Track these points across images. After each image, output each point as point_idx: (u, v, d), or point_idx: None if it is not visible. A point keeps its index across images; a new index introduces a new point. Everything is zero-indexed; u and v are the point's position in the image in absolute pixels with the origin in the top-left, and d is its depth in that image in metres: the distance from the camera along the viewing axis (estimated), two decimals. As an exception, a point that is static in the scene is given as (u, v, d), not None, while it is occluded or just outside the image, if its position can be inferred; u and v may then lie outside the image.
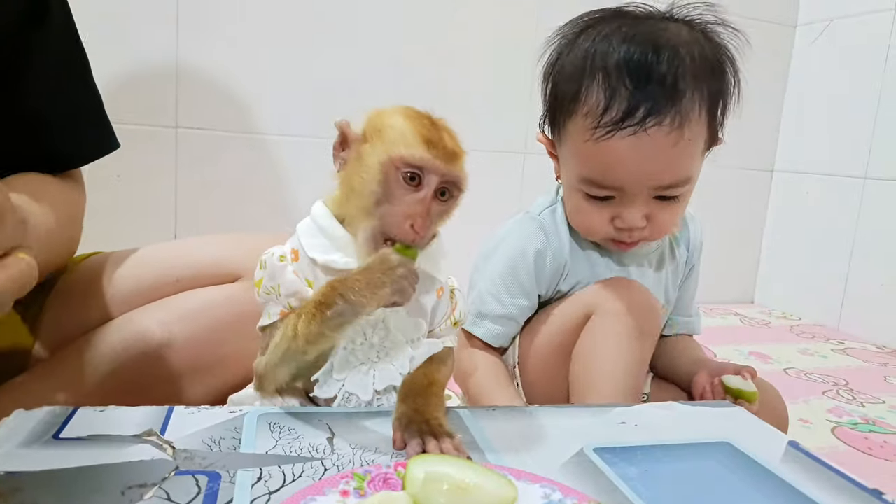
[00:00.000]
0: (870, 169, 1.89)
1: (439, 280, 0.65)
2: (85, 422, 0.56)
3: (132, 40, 1.50)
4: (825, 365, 1.62)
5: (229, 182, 1.64)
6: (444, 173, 0.60)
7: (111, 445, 0.53)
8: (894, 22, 1.84)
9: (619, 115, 0.82)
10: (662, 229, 0.92)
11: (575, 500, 0.47)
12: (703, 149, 0.90)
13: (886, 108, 1.86)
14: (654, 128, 0.81)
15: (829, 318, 1.99)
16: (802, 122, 2.15)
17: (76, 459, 0.50)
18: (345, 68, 1.67)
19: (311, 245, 0.63)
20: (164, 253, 0.91)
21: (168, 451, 0.53)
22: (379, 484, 0.48)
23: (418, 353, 0.64)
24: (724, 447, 0.61)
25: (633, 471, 0.55)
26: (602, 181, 0.87)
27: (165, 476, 0.49)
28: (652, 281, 0.99)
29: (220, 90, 1.60)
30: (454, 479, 0.46)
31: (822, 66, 2.09)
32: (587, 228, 0.94)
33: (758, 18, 2.10)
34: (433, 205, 0.60)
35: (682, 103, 0.82)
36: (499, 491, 0.46)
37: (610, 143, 0.83)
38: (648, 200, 0.87)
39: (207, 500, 0.47)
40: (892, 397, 1.41)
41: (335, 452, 0.55)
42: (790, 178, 2.18)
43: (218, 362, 0.82)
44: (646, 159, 0.83)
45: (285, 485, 0.49)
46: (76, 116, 0.87)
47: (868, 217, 1.90)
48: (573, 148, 0.90)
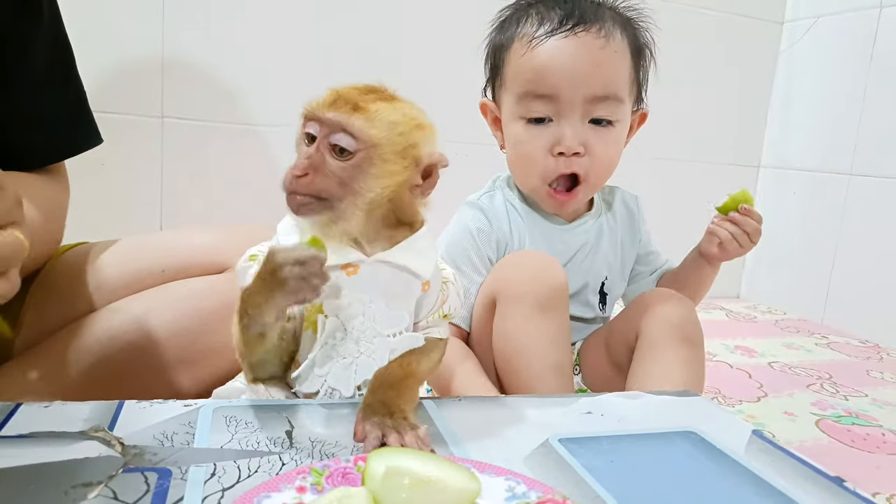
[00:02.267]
0: (855, 165, 1.90)
1: (421, 275, 0.62)
2: (28, 418, 0.54)
3: (118, 29, 1.48)
4: (809, 359, 1.63)
5: (215, 172, 1.62)
6: (327, 119, 0.56)
7: (55, 443, 0.51)
8: (880, 19, 1.85)
9: (552, 26, 0.93)
10: (600, 162, 0.96)
11: (539, 493, 0.45)
12: (629, 84, 0.97)
13: (872, 104, 1.86)
14: (582, 33, 0.92)
15: (813, 312, 2.00)
16: (789, 119, 2.15)
17: (18, 458, 0.48)
18: (332, 58, 1.66)
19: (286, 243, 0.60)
20: (150, 243, 0.90)
21: (116, 448, 0.50)
22: (338, 479, 0.46)
23: (400, 346, 0.61)
24: (690, 436, 0.61)
25: (599, 461, 0.54)
26: (538, 89, 0.93)
27: (112, 474, 0.47)
28: (592, 246, 1.03)
29: (206, 80, 1.58)
30: (415, 474, 0.44)
31: (809, 62, 2.09)
32: (529, 165, 0.98)
33: (745, 15, 2.11)
34: (328, 158, 0.56)
35: (605, 23, 0.93)
36: (462, 485, 0.44)
37: (544, 46, 0.93)
38: (584, 124, 0.94)
39: (156, 498, 0.44)
40: (874, 391, 1.42)
41: (294, 446, 0.53)
42: (776, 174, 2.18)
43: (205, 354, 0.81)
44: (577, 58, 0.92)
45: (240, 480, 0.47)
46: (60, 111, 0.85)
47: (853, 213, 1.90)
48: (510, 75, 0.98)
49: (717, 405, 0.68)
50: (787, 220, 2.11)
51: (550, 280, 0.88)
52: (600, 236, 1.04)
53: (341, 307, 0.59)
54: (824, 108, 2.01)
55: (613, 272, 1.06)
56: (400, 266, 0.60)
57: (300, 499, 0.43)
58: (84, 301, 0.83)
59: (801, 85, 2.11)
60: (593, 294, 1.05)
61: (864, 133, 1.88)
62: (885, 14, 1.83)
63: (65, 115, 0.86)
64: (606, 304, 1.07)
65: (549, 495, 0.44)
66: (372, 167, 0.56)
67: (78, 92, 0.88)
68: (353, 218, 0.57)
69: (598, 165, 0.96)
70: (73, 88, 0.87)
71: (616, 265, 1.07)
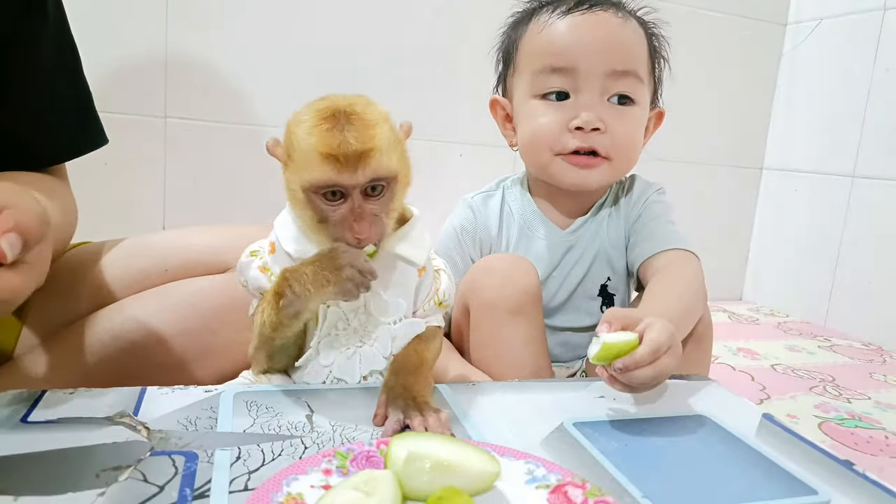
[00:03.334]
0: (858, 167, 1.91)
1: (416, 261, 0.65)
2: (54, 405, 0.56)
3: (122, 28, 1.49)
4: (812, 361, 1.63)
5: (218, 173, 1.63)
6: (356, 183, 0.59)
7: (83, 428, 0.53)
8: (883, 21, 1.86)
9: (568, 6, 0.93)
10: (619, 140, 0.92)
11: (559, 476, 0.47)
12: (647, 71, 0.95)
13: (875, 107, 1.87)
14: (600, 11, 0.92)
15: (816, 315, 2.01)
16: (792, 121, 2.16)
17: (47, 443, 0.50)
18: (336, 59, 1.67)
19: (285, 237, 0.64)
20: (154, 243, 0.92)
21: (142, 433, 0.52)
22: (362, 462, 0.48)
23: (401, 332, 0.65)
24: (701, 420, 0.63)
25: (613, 445, 0.56)
26: (555, 62, 0.91)
27: (141, 457, 0.49)
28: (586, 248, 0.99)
29: (209, 80, 1.59)
30: (436, 457, 0.46)
31: (812, 64, 2.10)
32: (544, 141, 0.94)
33: (748, 16, 2.12)
34: (366, 205, 0.59)
35: (622, 9, 0.94)
36: (481, 467, 0.46)
37: (562, 21, 0.92)
38: (602, 101, 0.92)
39: (185, 480, 0.47)
40: (877, 393, 1.42)
41: (315, 430, 0.55)
42: (779, 175, 2.19)
43: (207, 352, 0.83)
44: (597, 28, 0.91)
45: (265, 464, 0.49)
46: (65, 111, 0.87)
47: (856, 215, 1.92)
48: (524, 57, 0.96)
49: (727, 390, 0.70)
50: (789, 223, 2.13)
51: (519, 283, 0.87)
52: (596, 236, 1.00)
53: None
54: (827, 111, 2.02)
55: (617, 272, 1.01)
56: (396, 255, 0.63)
57: (326, 481, 0.45)
58: (87, 300, 0.84)
59: (805, 87, 2.12)
60: (591, 299, 1.01)
61: (866, 135, 1.89)
62: (889, 16, 1.84)
63: (71, 116, 0.87)
64: (614, 306, 1.01)
65: (569, 478, 0.47)
66: (398, 184, 0.61)
67: (84, 92, 0.89)
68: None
69: (620, 144, 0.92)
70: (78, 89, 0.88)
71: (620, 264, 1.01)
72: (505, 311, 0.85)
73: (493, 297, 0.86)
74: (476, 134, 1.77)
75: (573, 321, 0.99)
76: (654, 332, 0.62)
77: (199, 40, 1.56)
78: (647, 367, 0.61)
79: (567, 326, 0.99)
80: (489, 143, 1.83)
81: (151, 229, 1.55)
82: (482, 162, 1.81)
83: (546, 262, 0.98)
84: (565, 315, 0.99)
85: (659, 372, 0.61)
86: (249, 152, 1.62)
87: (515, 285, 0.86)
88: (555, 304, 0.98)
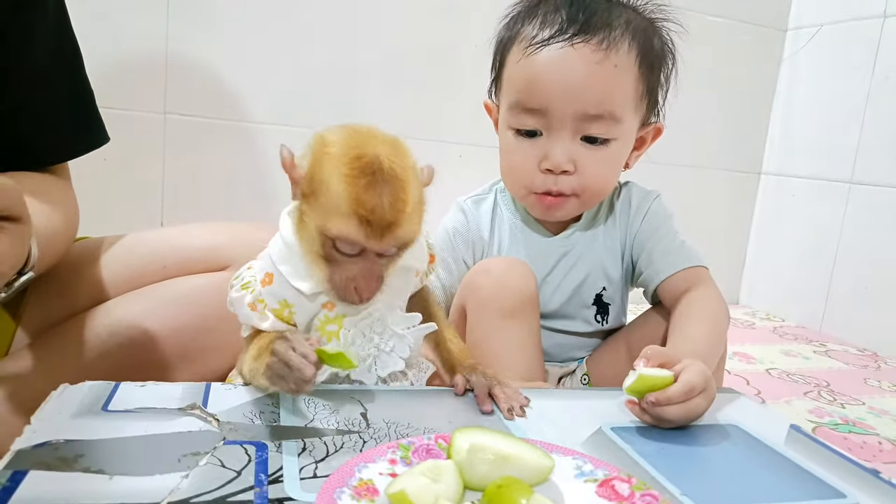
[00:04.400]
0: (856, 174, 1.96)
1: (415, 267, 0.71)
2: (129, 396, 0.61)
3: (122, 24, 1.52)
4: (807, 366, 1.68)
5: (217, 170, 1.66)
6: (380, 250, 0.61)
7: (158, 417, 0.57)
8: (882, 28, 1.91)
9: (550, 33, 0.89)
10: (591, 181, 0.93)
11: (606, 472, 0.52)
12: (635, 100, 0.92)
13: (873, 114, 1.92)
14: (580, 44, 0.88)
15: (812, 320, 2.07)
16: (790, 126, 2.21)
17: (129, 430, 0.55)
18: (336, 57, 1.71)
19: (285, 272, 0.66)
20: (152, 239, 0.92)
21: (213, 424, 0.57)
22: (423, 454, 0.53)
23: (413, 336, 0.69)
24: (733, 429, 0.68)
25: (650, 448, 0.61)
26: (528, 101, 0.91)
27: (216, 445, 0.53)
28: (580, 257, 1.01)
29: (209, 77, 1.62)
30: (496, 450, 0.51)
31: (811, 70, 2.15)
32: (516, 176, 0.97)
33: (749, 21, 2.17)
34: (376, 265, 0.62)
35: (611, 33, 0.88)
36: (537, 461, 0.51)
37: (538, 57, 0.90)
38: (574, 141, 0.91)
39: (259, 466, 0.51)
40: (871, 399, 1.47)
41: (370, 426, 0.60)
42: (777, 180, 2.25)
43: (204, 350, 0.84)
44: (570, 72, 0.88)
45: (329, 455, 0.54)
46: (65, 110, 0.87)
47: (853, 221, 1.97)
48: (506, 80, 0.96)
49: (757, 403, 0.76)
50: (787, 228, 2.18)
51: (515, 286, 0.89)
52: (592, 246, 1.01)
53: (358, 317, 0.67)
54: (826, 117, 2.07)
55: (614, 282, 1.03)
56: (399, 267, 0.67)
57: (392, 469, 0.51)
58: (84, 296, 0.85)
59: (804, 93, 2.16)
60: (585, 308, 1.02)
61: (864, 142, 1.93)
62: (888, 24, 1.89)
63: (71, 114, 0.88)
64: (609, 316, 1.04)
65: (615, 474, 0.52)
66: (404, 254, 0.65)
67: (84, 90, 0.89)
68: None
69: (589, 185, 0.93)
70: (78, 86, 0.88)
71: (617, 274, 1.03)
72: (500, 312, 0.88)
73: (490, 299, 0.88)
74: (475, 135, 1.80)
75: (568, 326, 1.02)
76: (690, 374, 0.66)
77: (200, 37, 1.59)
78: (678, 405, 0.64)
79: (562, 330, 1.02)
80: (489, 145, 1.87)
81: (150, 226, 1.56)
82: (481, 163, 1.82)
83: (541, 268, 0.99)
84: (561, 321, 1.02)
85: (689, 411, 0.65)
86: (248, 150, 1.67)
87: (512, 288, 0.89)
88: (550, 310, 1.01)
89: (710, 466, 0.60)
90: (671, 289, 0.96)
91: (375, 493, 0.48)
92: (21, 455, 0.49)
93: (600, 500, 0.50)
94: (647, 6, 0.96)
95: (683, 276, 0.95)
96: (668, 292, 0.96)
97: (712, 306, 0.90)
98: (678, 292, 0.94)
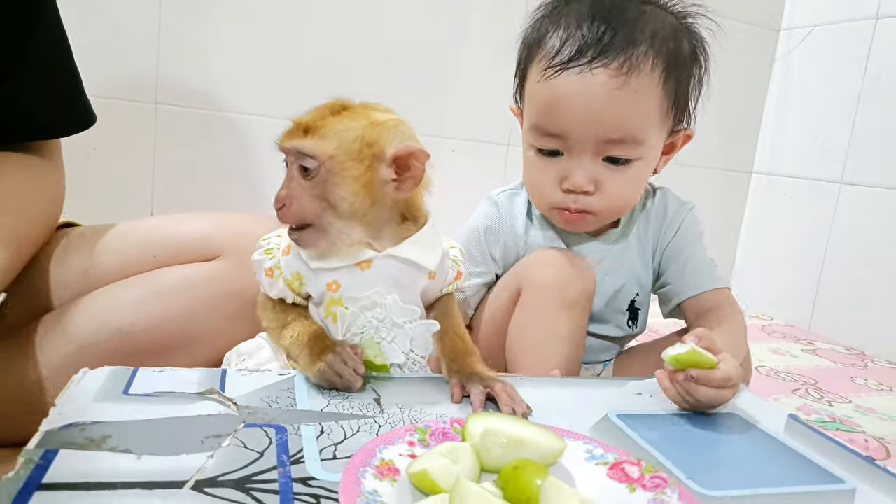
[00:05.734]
0: (846, 174, 2.00)
1: (427, 266, 0.73)
2: (148, 380, 0.64)
3: (114, 12, 1.53)
4: (795, 364, 1.72)
5: (209, 161, 1.67)
6: (287, 148, 0.67)
7: (178, 401, 0.60)
8: (875, 30, 1.94)
9: (569, 55, 0.89)
10: (612, 201, 0.94)
11: (616, 455, 0.55)
12: (659, 117, 0.93)
13: (864, 115, 1.96)
14: (600, 69, 0.87)
15: (800, 319, 2.11)
16: (782, 126, 2.25)
17: (151, 413, 0.57)
18: (329, 50, 1.72)
19: None
20: (142, 229, 0.94)
21: (232, 408, 0.59)
22: (439, 437, 0.56)
23: (417, 333, 0.72)
24: (734, 417, 0.72)
25: (654, 434, 0.65)
26: (547, 126, 0.92)
27: (237, 428, 0.56)
28: (615, 265, 1.02)
29: (202, 68, 1.63)
30: (509, 433, 0.54)
31: (804, 70, 2.19)
32: (538, 192, 0.98)
33: (742, 21, 2.20)
34: (297, 182, 0.67)
35: (634, 52, 0.87)
36: (549, 443, 0.55)
37: (557, 81, 0.89)
38: (596, 161, 0.92)
39: (280, 448, 0.54)
40: (858, 397, 1.51)
41: (384, 412, 0.63)
42: (768, 180, 2.28)
43: (193, 341, 0.86)
44: (589, 99, 0.88)
45: (346, 438, 0.57)
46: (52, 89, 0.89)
47: (842, 221, 2.00)
48: (528, 97, 0.97)
49: (754, 394, 0.79)
50: (777, 227, 2.22)
51: (580, 280, 0.92)
52: (626, 253, 1.03)
53: (359, 299, 0.70)
54: (818, 117, 2.10)
55: (644, 289, 1.05)
56: (405, 260, 0.70)
57: (411, 451, 0.54)
58: (74, 285, 0.87)
59: (796, 93, 2.20)
60: (620, 313, 1.05)
61: (855, 143, 1.97)
62: (881, 25, 1.92)
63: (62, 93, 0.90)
64: (638, 321, 1.06)
65: (624, 457, 0.55)
66: (335, 177, 0.66)
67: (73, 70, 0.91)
68: (344, 229, 0.67)
69: (610, 204, 0.95)
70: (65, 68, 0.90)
71: (647, 280, 1.05)
72: (561, 302, 0.90)
73: (555, 286, 0.90)
74: (468, 129, 1.84)
75: (601, 330, 1.04)
76: (730, 366, 0.70)
77: (193, 27, 1.60)
78: (713, 389, 0.69)
79: (595, 333, 1.03)
80: (481, 139, 1.92)
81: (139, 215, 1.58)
82: (474, 157, 1.88)
83: None
84: (596, 325, 1.03)
85: (718, 397, 0.70)
86: (240, 141, 1.68)
87: (577, 279, 0.91)
88: None
89: (713, 452, 0.63)
90: (697, 306, 1.00)
91: (397, 472, 0.51)
92: (50, 435, 0.52)
93: (611, 481, 0.53)
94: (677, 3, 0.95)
95: (713, 295, 1.00)
96: (694, 309, 1.00)
97: (740, 329, 0.95)
98: (703, 311, 0.98)
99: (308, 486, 0.49)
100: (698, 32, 0.97)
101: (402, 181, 0.68)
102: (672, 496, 0.50)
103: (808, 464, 0.62)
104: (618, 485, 0.52)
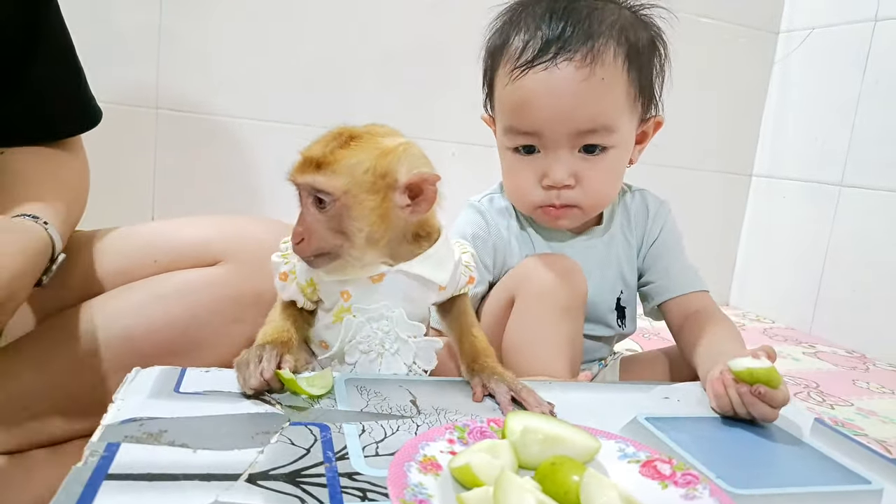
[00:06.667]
0: (846, 177, 2.03)
1: (437, 281, 0.76)
2: (196, 380, 0.67)
3: (115, 17, 1.55)
4: (797, 367, 1.75)
5: (209, 165, 1.70)
6: (301, 184, 0.69)
7: (226, 400, 0.63)
8: (874, 32, 1.97)
9: (533, 53, 0.92)
10: (593, 192, 0.97)
11: (647, 454, 0.59)
12: (628, 104, 0.96)
13: (863, 117, 1.99)
14: (564, 62, 0.91)
15: (802, 322, 2.14)
16: (782, 128, 2.28)
17: (203, 410, 0.61)
18: (329, 55, 1.75)
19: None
20: (144, 233, 0.94)
21: (277, 407, 0.63)
22: (477, 435, 0.60)
23: (421, 349, 0.76)
24: (760, 421, 0.75)
25: (683, 436, 0.68)
26: (520, 125, 0.95)
27: (283, 425, 0.59)
28: (600, 262, 1.05)
29: (202, 73, 1.65)
30: (547, 432, 0.58)
31: (803, 73, 2.22)
32: (520, 194, 1.01)
33: (742, 24, 2.23)
34: (312, 215, 0.69)
35: (595, 43, 0.91)
36: (585, 442, 0.58)
37: (525, 81, 0.93)
38: (573, 154, 0.95)
39: (325, 445, 0.57)
40: (860, 400, 1.53)
41: (421, 413, 0.66)
42: (768, 182, 2.31)
43: (194, 346, 0.86)
44: (557, 94, 0.91)
45: (387, 436, 0.60)
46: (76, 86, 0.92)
47: (842, 224, 2.03)
48: (498, 102, 0.99)
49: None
50: (777, 230, 2.25)
51: (574, 284, 0.93)
52: (610, 250, 1.06)
53: (367, 310, 0.73)
54: (817, 120, 2.13)
55: (629, 286, 1.08)
56: (416, 276, 0.74)
57: (451, 448, 0.57)
58: (76, 289, 0.87)
59: (795, 95, 2.22)
60: (609, 311, 1.07)
61: (855, 145, 1.99)
62: (879, 28, 1.95)
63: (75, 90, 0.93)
64: (626, 319, 1.09)
65: (656, 455, 0.59)
66: (351, 210, 0.69)
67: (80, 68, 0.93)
68: (360, 255, 0.71)
69: (591, 195, 0.98)
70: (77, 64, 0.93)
71: (632, 279, 1.09)
72: (556, 306, 0.92)
73: (550, 291, 0.92)
74: (468, 133, 1.84)
75: (589, 330, 1.06)
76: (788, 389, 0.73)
77: (193, 32, 1.62)
78: (771, 409, 0.72)
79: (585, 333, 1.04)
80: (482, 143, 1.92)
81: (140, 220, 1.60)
82: (474, 161, 1.87)
83: None
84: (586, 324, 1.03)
85: (771, 415, 0.73)
86: (241, 146, 1.70)
87: (570, 284, 0.93)
88: None
89: (741, 453, 0.67)
90: (680, 307, 1.04)
91: (439, 467, 0.54)
92: (110, 429, 0.55)
93: (644, 478, 0.56)
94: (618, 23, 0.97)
95: (696, 297, 1.04)
96: (677, 309, 1.04)
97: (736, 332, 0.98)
98: (688, 312, 1.02)
99: (354, 481, 0.52)
100: (654, 23, 1.00)
101: (417, 205, 0.71)
102: (703, 492, 0.53)
103: (834, 465, 0.66)
104: (650, 482, 0.56)
